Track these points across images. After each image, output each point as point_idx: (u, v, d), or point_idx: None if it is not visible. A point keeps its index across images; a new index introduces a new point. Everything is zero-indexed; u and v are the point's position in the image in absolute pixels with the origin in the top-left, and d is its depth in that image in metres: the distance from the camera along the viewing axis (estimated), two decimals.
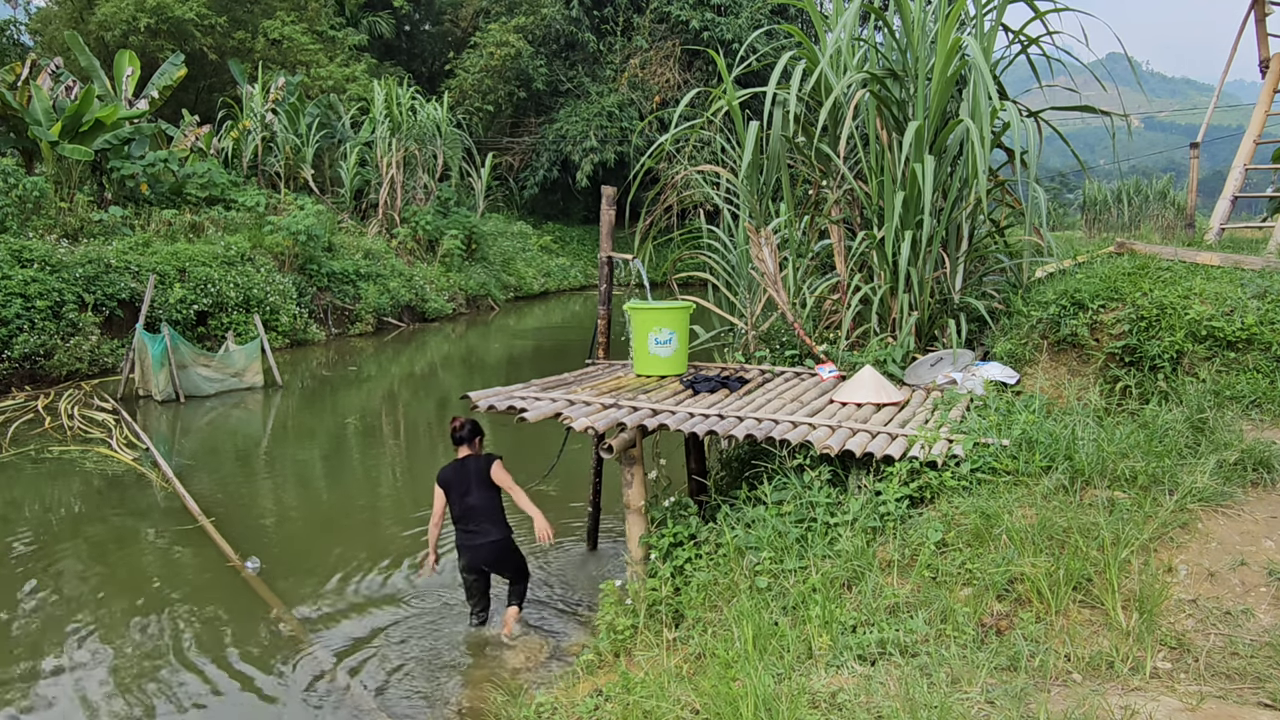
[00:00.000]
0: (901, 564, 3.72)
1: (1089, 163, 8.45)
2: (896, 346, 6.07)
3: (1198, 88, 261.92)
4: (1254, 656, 2.88)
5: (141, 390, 12.54)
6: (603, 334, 6.91)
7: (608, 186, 6.82)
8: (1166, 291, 5.54)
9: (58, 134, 16.54)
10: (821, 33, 7.16)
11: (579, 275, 33.31)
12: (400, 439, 11.47)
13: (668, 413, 5.07)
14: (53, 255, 13.71)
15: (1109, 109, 6.61)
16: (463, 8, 38.05)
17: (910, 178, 6.02)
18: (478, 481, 5.39)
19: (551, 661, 5.21)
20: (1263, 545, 3.44)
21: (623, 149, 32.56)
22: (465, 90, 33.21)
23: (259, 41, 28.09)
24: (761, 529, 4.21)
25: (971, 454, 4.22)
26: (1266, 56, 9.64)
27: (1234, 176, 9.48)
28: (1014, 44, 6.86)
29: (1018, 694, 2.70)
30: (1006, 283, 6.90)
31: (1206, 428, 4.26)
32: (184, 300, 15.06)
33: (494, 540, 5.37)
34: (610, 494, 7.23)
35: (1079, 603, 3.25)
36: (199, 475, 9.03)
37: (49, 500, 8.29)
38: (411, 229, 24.30)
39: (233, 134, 23.42)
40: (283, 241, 18.31)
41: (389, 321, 20.89)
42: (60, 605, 5.97)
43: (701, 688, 3.05)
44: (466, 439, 5.58)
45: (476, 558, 5.44)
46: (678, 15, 33.60)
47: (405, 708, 4.75)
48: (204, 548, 6.98)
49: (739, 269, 7.62)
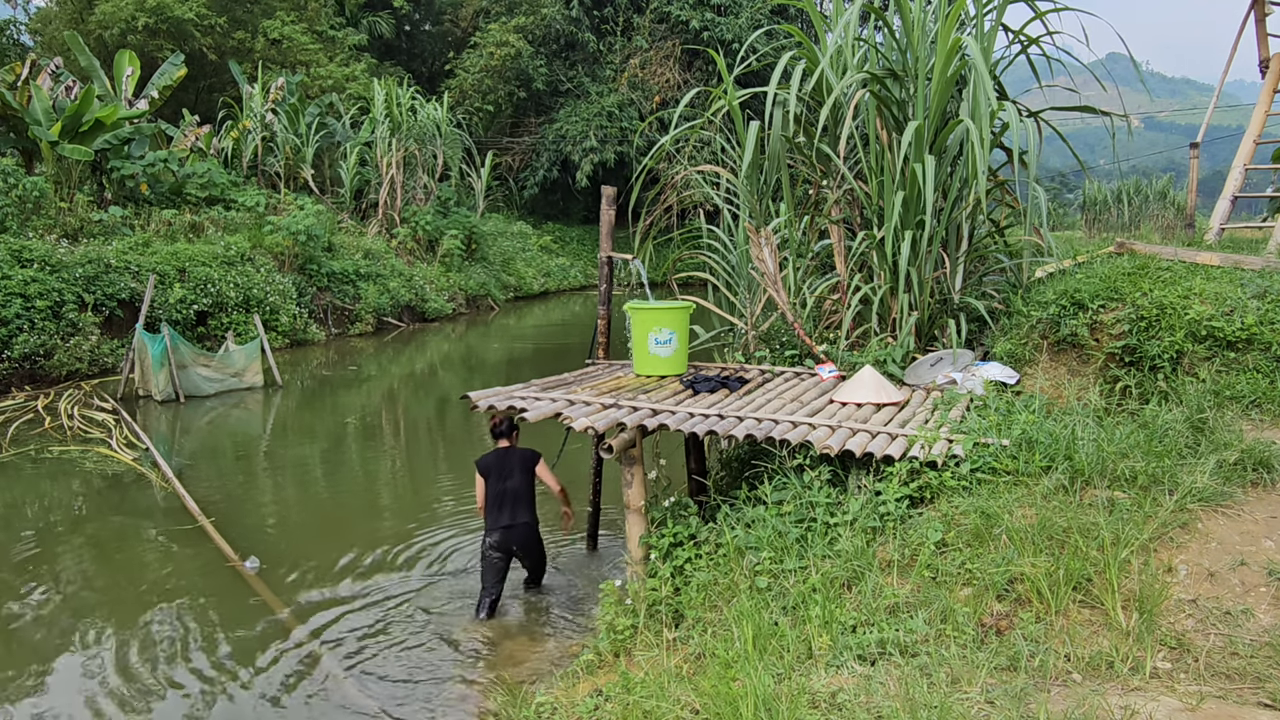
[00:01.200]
0: (901, 564, 3.72)
1: (1089, 163, 8.45)
2: (896, 346, 6.07)
3: (1198, 88, 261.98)
4: (1254, 656, 2.88)
5: (141, 390, 12.54)
6: (603, 334, 6.92)
7: (608, 186, 6.82)
8: (1166, 291, 5.54)
9: (58, 134, 16.55)
10: (821, 33, 7.16)
11: (579, 275, 33.31)
12: (400, 439, 11.47)
13: (668, 413, 5.07)
14: (53, 255, 13.71)
15: (1109, 109, 6.62)
16: (463, 8, 38.06)
17: (910, 178, 6.02)
18: (520, 469, 5.91)
19: (551, 661, 5.21)
20: (1263, 545, 3.44)
21: (623, 149, 32.56)
22: (465, 90, 33.21)
23: (259, 41, 28.09)
24: (761, 529, 4.21)
25: (971, 454, 4.22)
26: (1266, 56, 9.64)
27: (1234, 176, 9.48)
28: (1014, 44, 6.87)
29: (1018, 694, 2.70)
30: (1006, 283, 6.90)
31: (1206, 428, 4.26)
32: (184, 300, 15.06)
33: (527, 523, 5.88)
34: (610, 494, 7.24)
35: (1079, 603, 3.25)
36: (199, 475, 9.03)
37: (49, 500, 8.29)
38: (411, 229, 24.31)
39: (233, 134, 23.42)
40: (283, 241, 18.31)
41: (389, 321, 20.90)
42: (60, 605, 5.97)
43: (701, 688, 3.05)
44: (505, 433, 6.12)
45: (510, 538, 5.81)
46: (678, 15, 33.60)
47: (405, 707, 4.75)
48: (204, 547, 6.98)
49: (739, 269, 7.62)
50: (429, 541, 7.16)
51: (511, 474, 5.86)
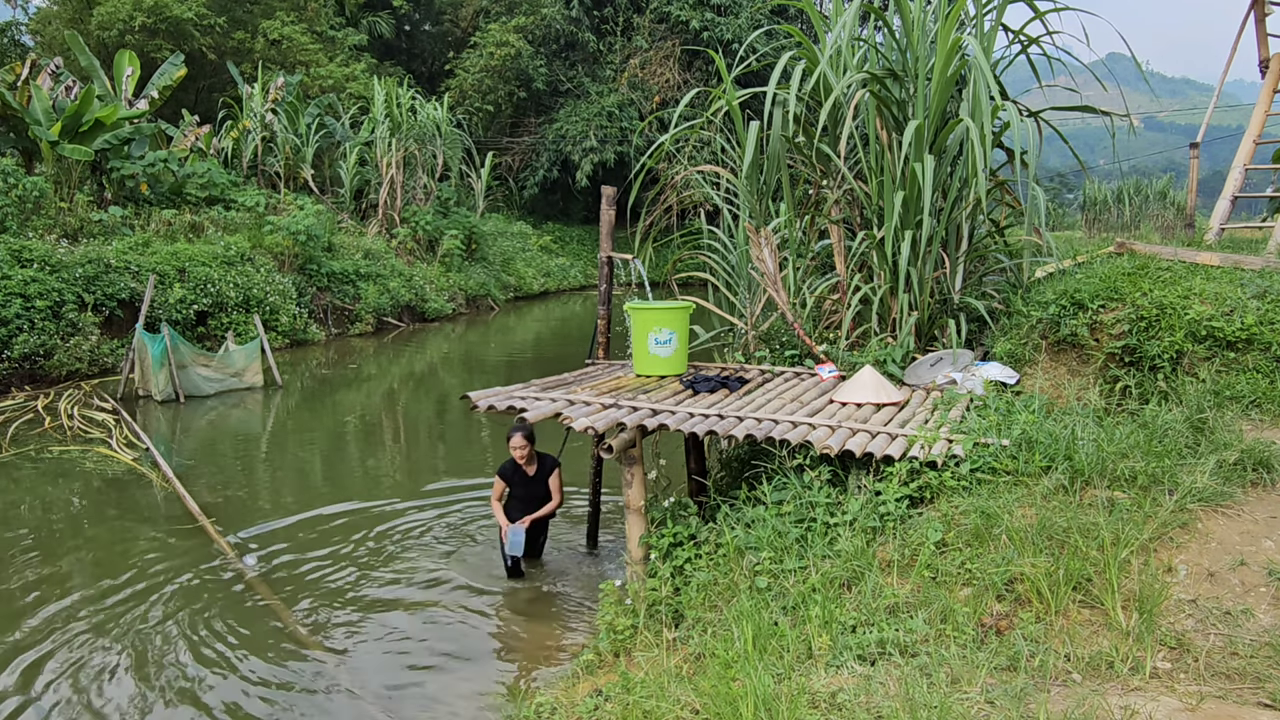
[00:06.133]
0: (901, 564, 3.72)
1: (1089, 163, 8.45)
2: (896, 346, 6.07)
3: (1198, 88, 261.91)
4: (1254, 656, 2.88)
5: (141, 390, 12.54)
6: (603, 334, 6.91)
7: (608, 186, 6.81)
8: (1166, 291, 5.54)
9: (58, 134, 16.54)
10: (821, 33, 7.16)
11: (579, 275, 33.29)
12: (400, 439, 11.47)
13: (668, 413, 5.07)
14: (53, 255, 13.70)
15: (1110, 109, 6.62)
16: (463, 8, 38.04)
17: (910, 178, 6.02)
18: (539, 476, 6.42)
19: (552, 661, 5.21)
20: (1263, 545, 3.44)
21: (623, 149, 32.54)
22: (465, 90, 33.19)
23: (259, 42, 28.08)
24: (761, 529, 4.21)
25: (971, 454, 4.22)
26: (1266, 56, 9.64)
27: (1234, 176, 9.47)
28: (1014, 44, 6.87)
29: (1018, 694, 2.70)
30: (1006, 283, 6.90)
31: (1206, 428, 4.26)
32: (184, 300, 15.05)
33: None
34: (610, 494, 7.25)
35: (1079, 603, 3.25)
36: (199, 475, 9.03)
37: (49, 500, 8.29)
38: (411, 229, 24.30)
39: (232, 134, 23.41)
40: (283, 241, 18.30)
41: (389, 321, 20.89)
42: (59, 605, 5.96)
43: (701, 688, 3.05)
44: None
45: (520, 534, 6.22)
46: (678, 15, 33.58)
47: (405, 707, 4.75)
48: (204, 547, 6.98)
49: (739, 269, 7.62)
50: (429, 541, 7.16)
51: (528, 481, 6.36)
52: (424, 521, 7.64)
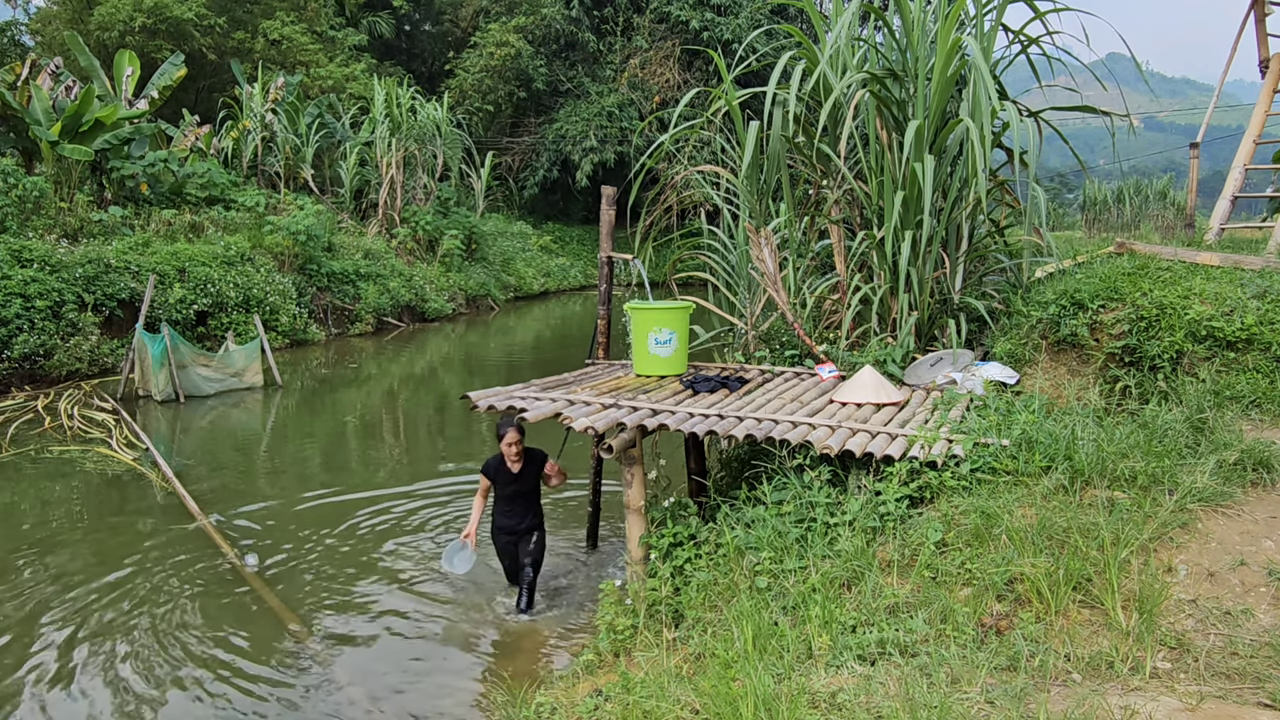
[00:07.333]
0: (901, 564, 3.72)
1: (1089, 163, 8.46)
2: (896, 346, 6.07)
3: (1198, 88, 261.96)
4: (1254, 656, 2.87)
5: (141, 390, 12.54)
6: (603, 334, 6.91)
7: (608, 186, 6.81)
8: (1166, 291, 5.54)
9: (58, 134, 16.54)
10: (821, 33, 7.16)
11: (579, 275, 33.29)
12: (400, 438, 11.47)
13: (668, 413, 5.07)
14: (52, 255, 13.70)
15: (1110, 109, 6.61)
16: (463, 8, 38.05)
17: (910, 178, 6.02)
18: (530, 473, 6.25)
19: (551, 661, 5.21)
20: (1263, 545, 3.44)
21: (623, 149, 32.54)
22: (465, 90, 33.19)
23: (259, 42, 28.07)
24: (761, 529, 4.21)
25: (971, 454, 4.22)
26: (1266, 56, 9.64)
27: (1234, 176, 9.48)
28: (1014, 44, 6.86)
29: (1018, 694, 2.70)
30: (1006, 283, 6.90)
31: (1206, 428, 4.26)
32: (184, 300, 15.06)
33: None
34: (610, 494, 7.24)
35: (1079, 603, 3.25)
36: (199, 475, 9.03)
37: (49, 500, 8.29)
38: (411, 229, 24.30)
39: (232, 134, 23.41)
40: (283, 241, 18.30)
41: (389, 321, 20.89)
42: (59, 605, 5.97)
43: (701, 688, 3.04)
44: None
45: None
46: (678, 15, 33.59)
47: (404, 706, 4.75)
48: (203, 547, 6.98)
49: (739, 269, 7.62)
50: (428, 541, 7.16)
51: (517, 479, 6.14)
52: (423, 520, 7.64)
